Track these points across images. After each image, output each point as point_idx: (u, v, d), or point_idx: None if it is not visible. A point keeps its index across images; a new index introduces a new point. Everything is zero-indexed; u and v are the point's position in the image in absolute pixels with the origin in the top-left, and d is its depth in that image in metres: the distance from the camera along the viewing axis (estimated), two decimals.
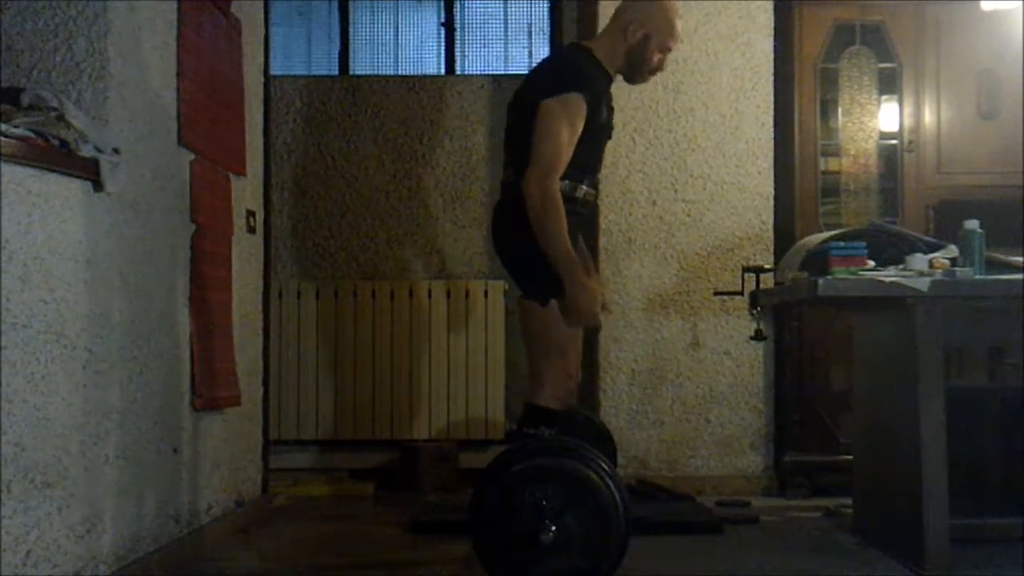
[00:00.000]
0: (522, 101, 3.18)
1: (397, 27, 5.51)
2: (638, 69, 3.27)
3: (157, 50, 3.06)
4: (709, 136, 4.61)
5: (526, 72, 5.34)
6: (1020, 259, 3.33)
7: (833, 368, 4.47)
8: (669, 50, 3.28)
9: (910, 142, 4.57)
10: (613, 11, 3.27)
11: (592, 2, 4.70)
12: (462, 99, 5.22)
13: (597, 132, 3.15)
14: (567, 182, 3.06)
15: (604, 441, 3.67)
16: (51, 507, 2.42)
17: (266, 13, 4.26)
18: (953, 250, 3.28)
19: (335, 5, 5.48)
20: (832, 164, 4.61)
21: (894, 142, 4.60)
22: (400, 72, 5.44)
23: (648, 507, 3.86)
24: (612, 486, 2.71)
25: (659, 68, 3.31)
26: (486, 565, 2.73)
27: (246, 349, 3.92)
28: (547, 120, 3.01)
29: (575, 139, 3.04)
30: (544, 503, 2.66)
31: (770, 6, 4.61)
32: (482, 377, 4.88)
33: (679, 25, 3.27)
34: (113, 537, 2.73)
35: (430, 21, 5.53)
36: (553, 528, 2.64)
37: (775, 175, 4.61)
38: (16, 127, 2.38)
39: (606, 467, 2.76)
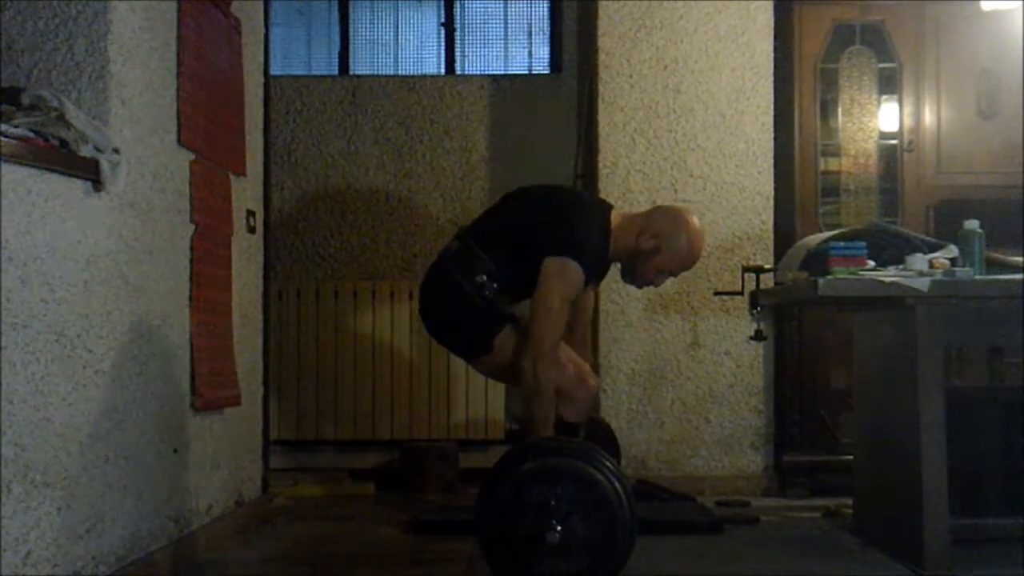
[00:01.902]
0: (528, 213, 3.21)
1: (397, 27, 5.51)
2: (632, 272, 3.28)
3: (157, 50, 3.06)
4: (709, 136, 4.61)
5: (526, 72, 5.45)
6: (1020, 259, 3.33)
7: (833, 368, 4.47)
8: (671, 274, 3.28)
9: (910, 142, 4.57)
10: (615, 11, 3.25)
11: (592, 2, 4.70)
12: (462, 99, 5.22)
13: None
14: (486, 281, 3.11)
15: (607, 441, 3.67)
16: (51, 507, 2.42)
17: (266, 13, 4.26)
18: (953, 250, 3.28)
19: (335, 5, 5.48)
20: (832, 164, 4.60)
21: (894, 142, 4.59)
22: (400, 72, 5.45)
23: (648, 507, 3.86)
24: (620, 489, 2.70)
25: (654, 284, 3.32)
26: (491, 562, 2.72)
27: (246, 349, 3.92)
28: (546, 290, 3.03)
29: (569, 301, 3.08)
30: (552, 503, 2.65)
31: (770, 6, 4.61)
32: (482, 377, 4.86)
33: (692, 258, 3.26)
34: (113, 537, 2.73)
35: (430, 21, 5.53)
36: (559, 528, 2.63)
37: (775, 175, 4.61)
38: (16, 127, 2.38)
39: (614, 469, 2.76)
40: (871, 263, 3.28)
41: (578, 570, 2.65)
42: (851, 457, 3.86)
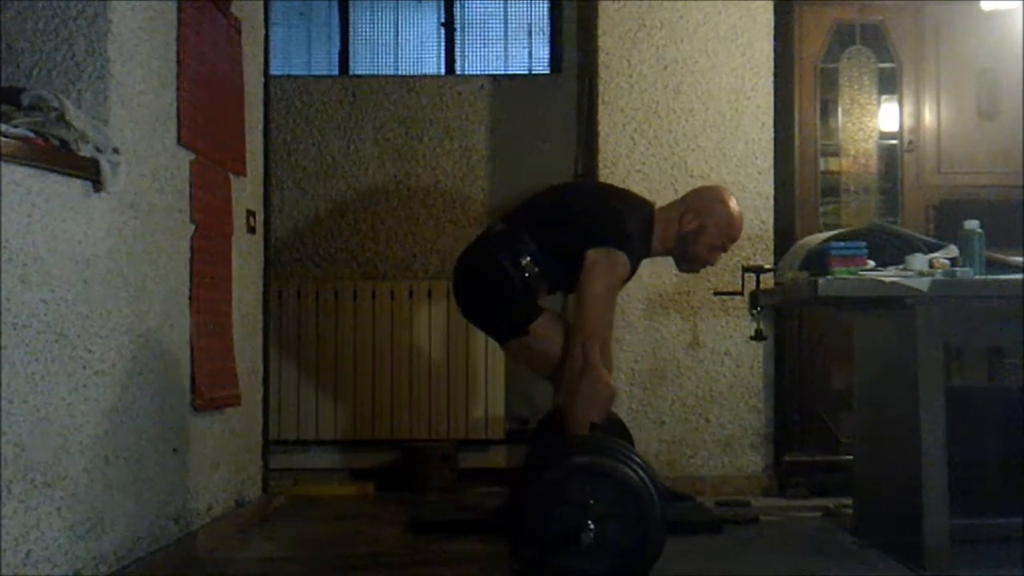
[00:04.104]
0: (577, 203, 3.24)
1: (397, 27, 5.52)
2: (686, 258, 3.34)
3: (157, 50, 3.06)
4: (709, 136, 4.61)
5: (526, 72, 5.45)
6: (1020, 259, 3.33)
7: (833, 368, 4.47)
8: (723, 249, 3.33)
9: (910, 142, 4.57)
10: (615, 11, 3.26)
11: (592, 2, 4.70)
12: (462, 99, 5.23)
13: None
14: (529, 263, 3.11)
15: (623, 438, 3.66)
16: (51, 507, 2.42)
17: (266, 13, 4.26)
18: (953, 250, 3.28)
19: (335, 5, 5.49)
20: (832, 164, 4.61)
21: (894, 142, 4.60)
22: (400, 72, 5.45)
23: None
24: (655, 494, 2.67)
25: (710, 262, 3.36)
26: (519, 559, 2.69)
27: (246, 349, 3.92)
28: (592, 278, 3.04)
29: (617, 290, 3.11)
30: (591, 503, 2.62)
31: (770, 6, 4.61)
32: (482, 377, 4.88)
33: (737, 227, 3.33)
34: (113, 537, 2.73)
35: (430, 21, 5.53)
36: (593, 528, 2.59)
37: (775, 175, 4.61)
38: (16, 127, 2.37)
39: (649, 472, 2.73)
40: (871, 263, 3.28)
41: (606, 572, 2.63)
42: (851, 457, 3.86)
